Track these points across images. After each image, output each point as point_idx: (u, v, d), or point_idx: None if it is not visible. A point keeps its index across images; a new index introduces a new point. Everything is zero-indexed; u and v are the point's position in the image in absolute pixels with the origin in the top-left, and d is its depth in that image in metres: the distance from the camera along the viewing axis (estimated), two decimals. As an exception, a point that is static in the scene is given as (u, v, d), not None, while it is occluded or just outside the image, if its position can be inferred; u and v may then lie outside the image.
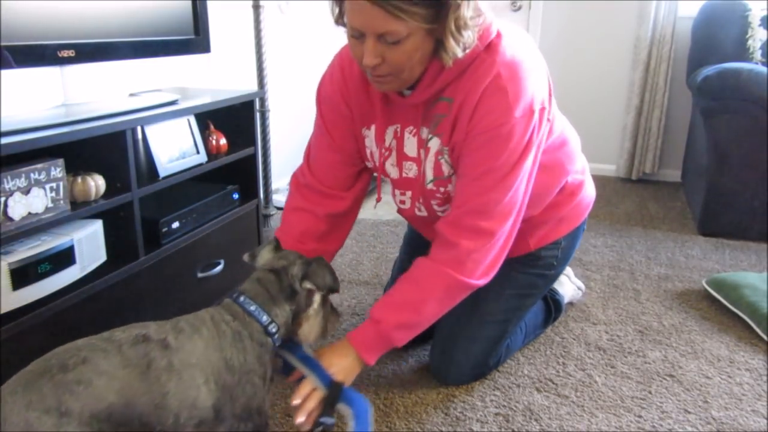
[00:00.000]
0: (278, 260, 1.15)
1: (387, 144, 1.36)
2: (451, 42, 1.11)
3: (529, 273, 1.53)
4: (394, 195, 1.44)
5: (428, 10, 1.07)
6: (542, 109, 1.22)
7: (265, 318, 1.08)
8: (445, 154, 1.28)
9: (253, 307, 1.08)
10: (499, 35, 1.21)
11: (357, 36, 1.13)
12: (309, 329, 1.16)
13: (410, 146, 1.34)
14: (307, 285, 1.13)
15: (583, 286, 1.98)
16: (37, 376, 0.85)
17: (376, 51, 1.11)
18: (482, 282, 1.28)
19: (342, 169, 1.41)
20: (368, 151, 1.41)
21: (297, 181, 1.45)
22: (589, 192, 1.58)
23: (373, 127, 1.37)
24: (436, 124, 1.27)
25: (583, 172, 1.54)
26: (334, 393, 1.15)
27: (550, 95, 1.27)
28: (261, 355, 1.06)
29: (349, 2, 1.10)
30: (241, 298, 1.09)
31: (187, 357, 0.96)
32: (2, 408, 0.82)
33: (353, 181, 1.44)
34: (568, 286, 1.87)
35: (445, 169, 1.29)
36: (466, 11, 1.09)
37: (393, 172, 1.38)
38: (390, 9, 1.05)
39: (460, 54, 1.14)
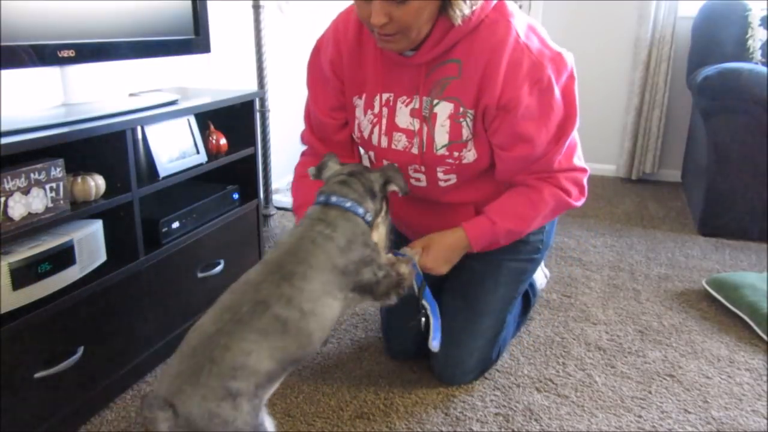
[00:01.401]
0: (350, 168, 1.22)
1: (376, 110, 1.37)
2: None
3: (519, 260, 1.54)
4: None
5: None
6: (565, 54, 1.29)
7: (361, 210, 1.15)
8: (468, 116, 1.29)
9: (348, 204, 1.14)
10: None
11: None
12: (378, 238, 1.21)
13: (402, 117, 1.34)
14: (392, 188, 1.22)
15: (548, 273, 2.01)
16: (194, 373, 0.93)
17: (383, 10, 1.13)
18: (581, 203, 1.40)
19: (336, 134, 1.45)
20: (356, 122, 1.42)
21: (303, 141, 1.52)
22: None
23: (364, 96, 1.38)
24: (444, 88, 1.28)
25: None
26: (421, 290, 1.33)
27: None
28: (366, 240, 1.13)
29: None
30: (333, 198, 1.14)
31: (312, 295, 1.03)
32: (181, 406, 0.90)
33: (351, 147, 1.48)
34: (537, 271, 1.89)
35: (465, 133, 1.31)
36: None
37: (383, 141, 1.38)
38: None
39: (467, 11, 1.17)
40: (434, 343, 1.33)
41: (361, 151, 1.51)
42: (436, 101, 1.30)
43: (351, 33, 1.34)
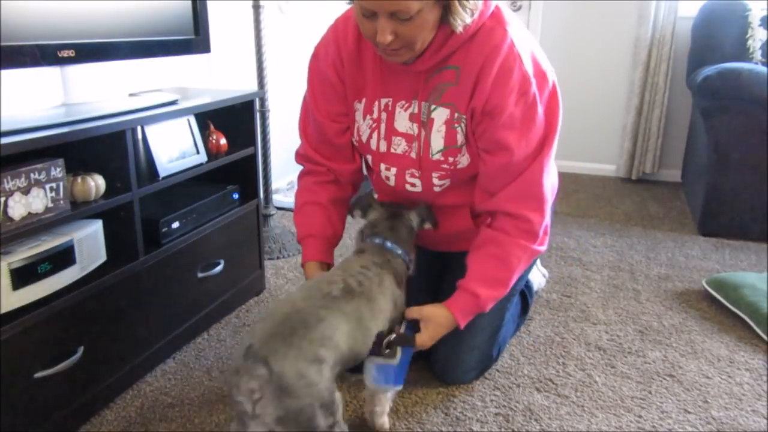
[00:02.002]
0: (391, 209, 1.39)
1: (375, 115, 1.38)
2: (458, 7, 1.15)
3: None
4: (378, 172, 1.45)
5: None
6: (548, 74, 1.31)
7: (407, 258, 1.35)
8: (462, 122, 1.30)
9: (399, 251, 1.33)
10: (497, 5, 1.28)
11: (368, 15, 1.15)
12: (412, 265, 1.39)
13: (401, 121, 1.35)
14: (427, 225, 1.41)
15: (547, 273, 2.02)
16: (289, 336, 1.03)
17: (389, 28, 1.14)
18: (545, 247, 1.41)
19: (338, 137, 1.45)
20: (356, 126, 1.43)
21: (300, 161, 1.54)
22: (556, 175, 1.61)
23: (363, 101, 1.39)
24: (441, 94, 1.30)
25: None
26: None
27: None
28: (405, 283, 1.34)
29: None
30: (388, 244, 1.33)
31: (378, 306, 1.21)
32: (276, 365, 0.99)
33: (351, 151, 1.48)
34: (535, 272, 1.91)
35: (459, 138, 1.31)
36: None
37: (381, 145, 1.39)
38: None
39: (468, 20, 1.18)
40: (375, 377, 1.30)
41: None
42: (433, 107, 1.31)
43: (350, 38, 1.34)
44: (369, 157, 1.44)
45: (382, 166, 1.42)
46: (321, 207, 1.47)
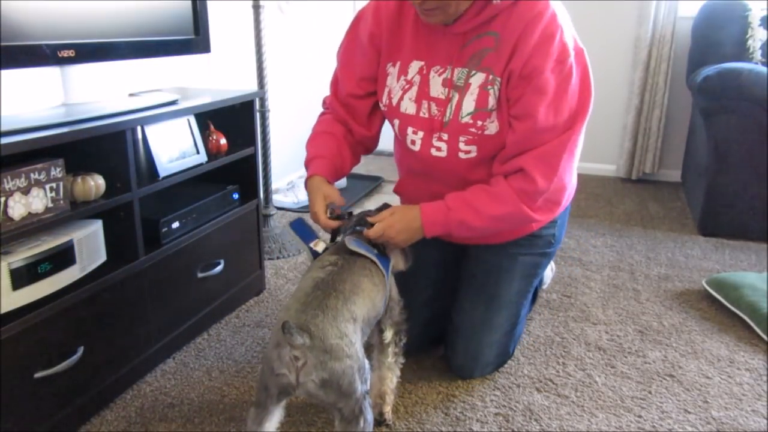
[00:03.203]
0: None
1: (409, 77, 1.41)
2: None
3: (533, 254, 1.57)
4: (404, 136, 1.45)
5: None
6: (585, 53, 1.35)
7: (384, 260, 1.34)
8: (497, 84, 1.32)
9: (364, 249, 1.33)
10: None
11: None
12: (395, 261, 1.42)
13: (435, 86, 1.37)
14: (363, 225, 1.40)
15: (554, 266, 2.03)
16: (323, 300, 1.08)
17: None
18: (543, 218, 1.40)
19: (359, 102, 1.50)
20: (386, 90, 1.45)
21: (324, 107, 1.59)
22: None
23: (398, 63, 1.42)
24: (480, 60, 1.32)
25: None
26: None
27: None
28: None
29: None
30: (353, 244, 1.34)
31: (368, 266, 1.25)
32: (316, 330, 1.02)
33: (368, 118, 1.53)
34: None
35: (491, 101, 1.33)
36: None
37: (410, 107, 1.41)
38: None
39: None
40: None
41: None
42: (473, 72, 1.33)
43: (392, 4, 1.40)
44: (396, 122, 1.46)
45: (410, 130, 1.43)
46: (335, 137, 1.50)
